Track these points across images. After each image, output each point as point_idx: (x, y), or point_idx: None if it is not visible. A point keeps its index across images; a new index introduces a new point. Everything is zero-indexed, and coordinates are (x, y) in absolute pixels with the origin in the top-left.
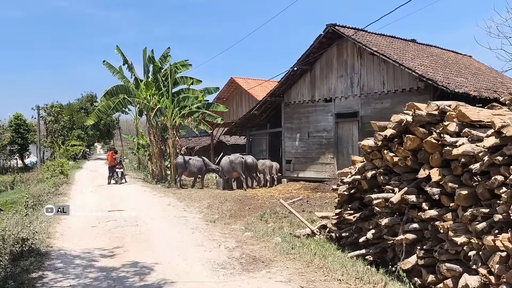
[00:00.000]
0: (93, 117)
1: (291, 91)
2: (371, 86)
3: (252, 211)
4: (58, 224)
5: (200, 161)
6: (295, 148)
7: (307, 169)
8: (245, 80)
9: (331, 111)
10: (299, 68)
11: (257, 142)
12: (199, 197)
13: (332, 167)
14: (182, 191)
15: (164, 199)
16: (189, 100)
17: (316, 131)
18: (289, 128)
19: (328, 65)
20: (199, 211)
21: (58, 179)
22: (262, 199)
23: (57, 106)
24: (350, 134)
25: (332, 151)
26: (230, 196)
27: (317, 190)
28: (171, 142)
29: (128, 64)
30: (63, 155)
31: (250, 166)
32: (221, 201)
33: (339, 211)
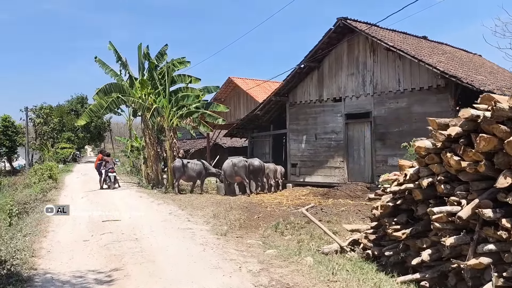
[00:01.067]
0: (85, 117)
1: (297, 90)
2: (385, 84)
3: (263, 220)
4: (45, 237)
5: (200, 164)
6: (301, 151)
7: (314, 174)
8: (243, 80)
9: (340, 111)
10: (306, 66)
11: (259, 145)
12: (201, 204)
13: (341, 171)
14: (181, 197)
15: (163, 207)
16: (189, 99)
17: (324, 132)
18: (294, 130)
19: (337, 62)
20: (205, 221)
21: (46, 184)
22: (270, 206)
23: (47, 107)
24: (362, 136)
25: (342, 154)
26: (234, 203)
27: (328, 196)
28: (168, 144)
29: (122, 61)
30: (53, 158)
31: (257, 169)
32: (226, 209)
33: (376, 224)
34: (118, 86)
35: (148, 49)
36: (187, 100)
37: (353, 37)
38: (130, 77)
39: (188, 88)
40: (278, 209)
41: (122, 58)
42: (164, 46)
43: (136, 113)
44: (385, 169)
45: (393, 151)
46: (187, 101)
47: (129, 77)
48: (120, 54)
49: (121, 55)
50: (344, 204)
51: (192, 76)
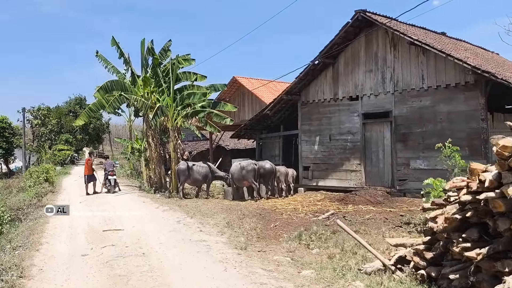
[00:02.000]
0: (83, 117)
1: (309, 88)
2: (407, 81)
3: (281, 230)
4: (37, 251)
5: (205, 167)
6: (314, 153)
7: (328, 177)
8: (248, 80)
9: (357, 110)
10: (320, 62)
11: (268, 146)
12: (210, 210)
13: (358, 174)
14: (187, 202)
15: (170, 214)
16: (195, 97)
17: (339, 133)
18: (307, 131)
19: (354, 58)
20: (218, 231)
21: (42, 188)
22: (286, 213)
23: (45, 109)
24: (381, 137)
25: (359, 157)
26: (246, 209)
27: (346, 202)
28: (172, 145)
29: (125, 58)
30: (50, 160)
31: (268, 173)
32: (239, 217)
33: (429, 239)
34: (119, 83)
35: (152, 44)
36: (194, 98)
37: (372, 31)
38: (133, 74)
39: (193, 86)
40: (295, 217)
41: (124, 54)
42: (168, 41)
43: (138, 112)
44: (406, 173)
45: (415, 153)
46: (193, 99)
47: (131, 74)
48: (122, 50)
49: (124, 51)
50: (366, 211)
51: (198, 74)
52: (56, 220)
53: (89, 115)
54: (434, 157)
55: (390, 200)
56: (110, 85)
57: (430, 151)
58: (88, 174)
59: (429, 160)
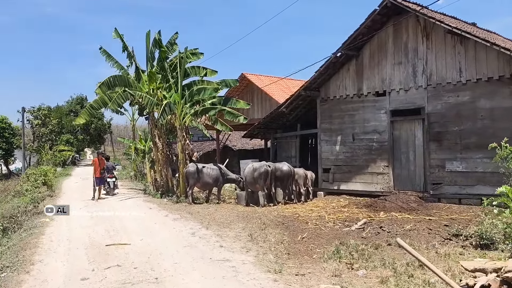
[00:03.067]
0: (84, 115)
1: (330, 83)
2: (442, 74)
3: (312, 243)
4: (28, 274)
5: (216, 169)
6: (335, 154)
7: (351, 180)
8: (257, 77)
9: (384, 107)
10: (343, 54)
11: (283, 147)
12: (226, 218)
13: (386, 177)
14: (198, 208)
15: (181, 223)
16: (206, 92)
17: (364, 132)
18: (327, 129)
19: (381, 49)
20: (242, 247)
21: (38, 193)
22: (311, 222)
23: (45, 109)
24: (411, 136)
25: (386, 158)
26: (265, 216)
27: (375, 208)
28: (180, 146)
29: (128, 51)
30: (51, 161)
31: (285, 175)
32: (260, 227)
33: None
34: (123, 79)
35: (159, 35)
36: (204, 94)
37: (401, 20)
38: (137, 69)
39: (203, 82)
40: (323, 226)
41: (128, 47)
42: (174, 34)
43: (142, 111)
44: (441, 176)
45: (452, 154)
46: (203, 95)
47: (135, 69)
48: (126, 44)
49: (127, 44)
50: (403, 219)
51: (208, 68)
52: (53, 231)
53: (90, 113)
54: (474, 159)
55: (424, 206)
56: (112, 80)
57: (469, 152)
58: (99, 177)
59: (467, 162)
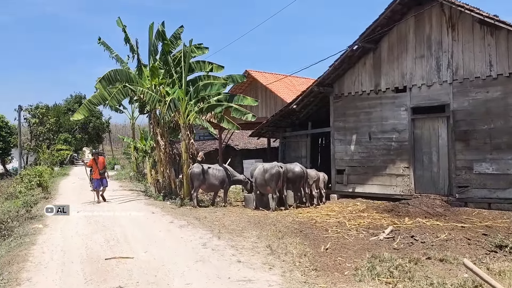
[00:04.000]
0: (82, 111)
1: (344, 79)
2: (470, 68)
3: (339, 255)
4: None
5: (222, 170)
6: (350, 155)
7: (367, 182)
8: (262, 74)
9: (405, 104)
10: (359, 47)
11: (293, 146)
12: (236, 225)
13: (406, 180)
14: (204, 212)
15: (189, 231)
16: (213, 88)
17: (382, 131)
18: (341, 128)
19: (401, 42)
20: (264, 262)
21: (31, 195)
22: (331, 229)
23: (43, 107)
24: (435, 135)
25: (406, 159)
26: (278, 222)
27: (398, 213)
28: (184, 145)
29: (130, 44)
30: (48, 161)
31: (298, 177)
32: (276, 235)
33: None
34: (124, 73)
35: (163, 27)
36: (211, 89)
37: (424, 10)
38: (139, 63)
39: (209, 77)
40: (346, 234)
41: (131, 39)
42: (179, 28)
43: (143, 108)
44: (468, 178)
45: (480, 154)
46: (210, 91)
47: (137, 63)
48: (129, 35)
49: (130, 36)
50: (433, 227)
51: (214, 63)
52: (46, 239)
53: (89, 109)
54: (506, 160)
55: (452, 211)
56: (113, 74)
57: (500, 153)
58: (98, 178)
59: (498, 164)
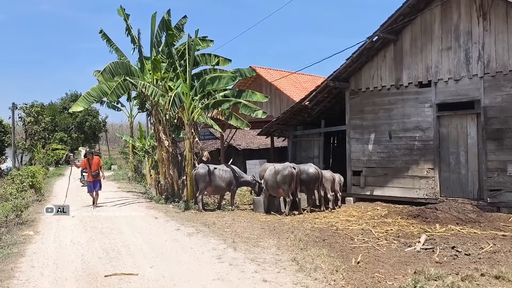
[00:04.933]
0: (82, 102)
1: (361, 73)
2: (503, 61)
3: (375, 271)
4: None
5: (229, 171)
6: (368, 155)
7: (387, 185)
8: (266, 70)
9: (429, 100)
10: (380, 38)
11: (304, 146)
12: (250, 232)
13: (430, 182)
14: (211, 217)
15: (199, 240)
16: (221, 82)
17: (404, 129)
18: (357, 126)
19: (425, 32)
20: (294, 282)
21: (22, 198)
22: (357, 237)
23: (38, 106)
24: (462, 134)
25: (431, 159)
26: (296, 229)
27: (425, 219)
28: (188, 144)
29: (132, 35)
30: (43, 160)
31: (312, 179)
32: (296, 244)
33: None
34: (125, 65)
35: (169, 15)
36: (219, 83)
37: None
38: (140, 54)
39: (215, 71)
40: (375, 244)
41: (132, 30)
42: (182, 18)
43: (143, 105)
44: (502, 181)
45: None
46: (218, 85)
47: (139, 55)
48: (130, 25)
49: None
50: (470, 235)
51: (220, 56)
52: (36, 249)
53: (88, 101)
54: None
55: (485, 217)
56: (114, 67)
57: None
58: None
59: None
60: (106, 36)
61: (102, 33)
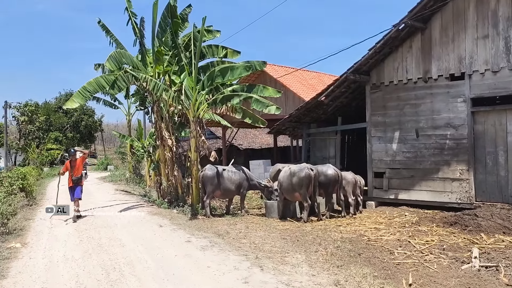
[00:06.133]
0: (77, 98)
1: (384, 65)
2: None
3: None
4: None
5: (239, 173)
6: (392, 155)
7: (414, 188)
8: (271, 66)
9: (462, 94)
10: (406, 26)
11: (318, 145)
12: (270, 244)
13: (464, 185)
14: (222, 224)
15: (216, 257)
16: (234, 73)
17: (433, 127)
18: (380, 123)
19: (458, 19)
20: None
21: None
22: (395, 249)
23: (32, 105)
24: (502, 131)
25: (465, 160)
26: (322, 239)
27: (465, 227)
28: (193, 142)
29: (134, 23)
30: (37, 161)
31: (331, 181)
32: (331, 261)
33: None
34: (127, 56)
35: (175, 1)
36: (231, 74)
37: None
38: (142, 46)
39: (223, 63)
40: (423, 260)
41: (133, 17)
42: (187, 8)
43: (144, 101)
44: None
45: None
46: (230, 77)
47: (139, 46)
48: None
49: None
50: None
51: (229, 48)
52: (22, 268)
53: (84, 96)
54: None
55: None
56: (118, 55)
57: None
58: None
59: None
60: (105, 27)
61: (101, 23)
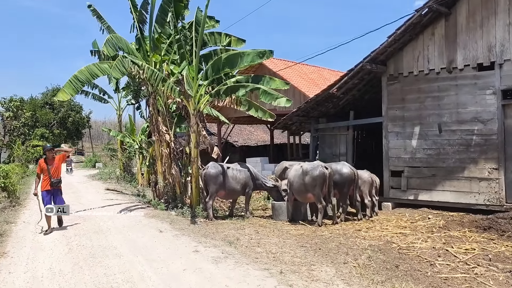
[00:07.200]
0: (68, 89)
1: (403, 54)
2: None
3: None
4: None
5: (244, 171)
6: (411, 152)
7: (436, 188)
8: (270, 59)
9: (492, 85)
10: (429, 11)
11: (328, 141)
12: (289, 253)
13: (494, 185)
14: (228, 229)
15: (233, 272)
16: (244, 60)
17: (458, 121)
18: (398, 118)
19: (486, 4)
20: None
21: None
22: (433, 258)
23: (17, 100)
24: None
25: (494, 158)
26: (347, 246)
27: (502, 232)
28: (193, 138)
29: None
30: (22, 158)
31: (347, 180)
32: (368, 276)
33: None
34: (123, 41)
35: None
36: (241, 62)
37: None
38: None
39: (227, 51)
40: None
41: None
42: None
43: (138, 94)
44: None
45: None
46: (239, 65)
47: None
48: None
49: None
50: None
51: (232, 36)
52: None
53: (75, 87)
54: None
55: None
56: (115, 41)
57: None
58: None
59: None
60: (96, 12)
61: (92, 8)
